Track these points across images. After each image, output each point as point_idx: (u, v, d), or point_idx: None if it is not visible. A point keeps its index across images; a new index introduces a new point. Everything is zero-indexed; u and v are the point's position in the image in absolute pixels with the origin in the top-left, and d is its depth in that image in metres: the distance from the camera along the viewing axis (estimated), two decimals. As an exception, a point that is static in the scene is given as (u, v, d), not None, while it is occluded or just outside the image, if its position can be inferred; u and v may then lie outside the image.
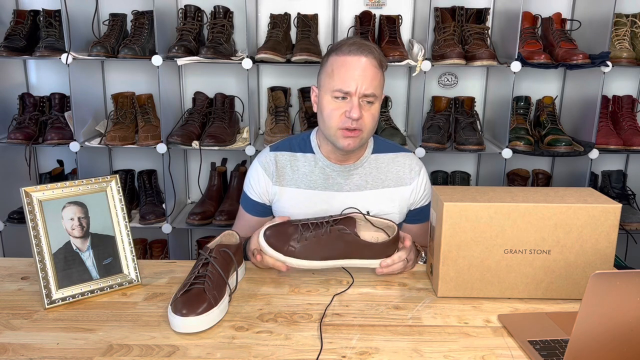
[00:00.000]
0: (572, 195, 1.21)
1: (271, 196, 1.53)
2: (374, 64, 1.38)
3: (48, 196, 1.17)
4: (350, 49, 1.38)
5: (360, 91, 1.36)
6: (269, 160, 1.53)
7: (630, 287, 0.81)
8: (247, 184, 1.57)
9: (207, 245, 1.19)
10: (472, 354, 0.99)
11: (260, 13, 2.45)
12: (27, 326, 1.07)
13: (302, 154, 1.53)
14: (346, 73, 1.36)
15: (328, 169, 1.51)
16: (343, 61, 1.37)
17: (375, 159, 1.53)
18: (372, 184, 1.51)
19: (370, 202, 1.50)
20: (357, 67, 1.36)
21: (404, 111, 2.55)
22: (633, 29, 2.30)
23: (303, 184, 1.50)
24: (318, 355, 0.98)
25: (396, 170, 1.53)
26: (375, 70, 1.39)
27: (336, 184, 1.51)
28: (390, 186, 1.52)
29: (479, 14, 2.37)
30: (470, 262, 1.17)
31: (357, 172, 1.51)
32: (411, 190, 1.53)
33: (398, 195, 1.52)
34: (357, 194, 1.50)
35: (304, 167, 1.52)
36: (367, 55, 1.37)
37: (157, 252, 2.54)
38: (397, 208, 1.53)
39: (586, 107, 2.30)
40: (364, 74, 1.36)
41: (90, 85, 2.42)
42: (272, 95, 2.40)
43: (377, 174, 1.52)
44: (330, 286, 1.25)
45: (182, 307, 1.04)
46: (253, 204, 1.56)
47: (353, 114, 1.35)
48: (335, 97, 1.38)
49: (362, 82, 1.36)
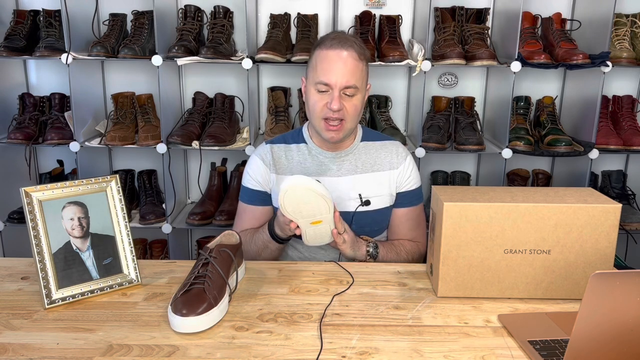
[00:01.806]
0: (572, 195, 1.21)
1: (271, 184, 1.60)
2: (354, 56, 1.45)
3: (48, 196, 1.17)
4: (331, 43, 1.46)
5: (340, 83, 1.44)
6: (266, 151, 1.62)
7: (630, 287, 0.81)
8: (246, 177, 1.63)
9: (207, 245, 1.19)
10: (472, 354, 0.99)
11: (260, 13, 2.45)
12: (27, 326, 1.07)
13: (296, 144, 1.62)
14: (327, 66, 1.45)
15: (320, 156, 1.59)
16: (325, 55, 1.46)
17: (365, 146, 1.62)
18: (362, 168, 1.59)
19: (361, 185, 1.57)
20: (337, 60, 1.44)
21: (404, 111, 2.55)
22: (633, 29, 2.29)
23: (297, 171, 1.58)
24: (318, 355, 0.98)
25: (384, 155, 1.61)
26: (356, 63, 1.46)
27: (328, 169, 1.58)
28: (379, 170, 1.60)
29: (479, 14, 2.37)
30: (470, 262, 1.17)
31: (347, 158, 1.59)
32: (398, 173, 1.61)
33: (387, 179, 1.60)
34: (349, 178, 1.58)
35: (298, 156, 1.60)
36: (348, 49, 1.45)
37: (157, 252, 2.54)
38: (387, 190, 1.59)
39: (586, 107, 2.30)
40: (344, 67, 1.44)
41: (90, 85, 2.41)
42: (272, 95, 2.40)
43: (367, 159, 1.60)
44: (330, 286, 1.26)
45: (182, 307, 1.04)
46: (254, 194, 1.61)
47: (333, 106, 1.44)
48: (318, 90, 1.47)
49: (342, 75, 1.44)
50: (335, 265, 1.38)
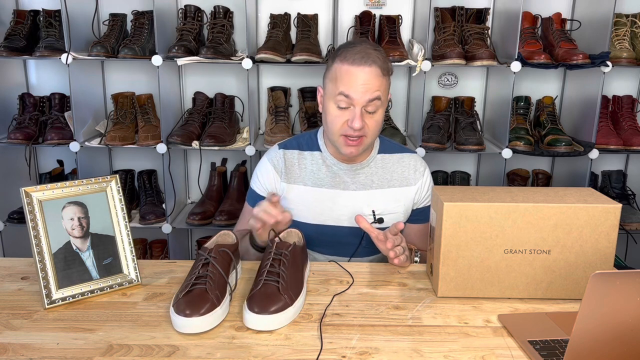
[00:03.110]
0: (572, 195, 1.21)
1: (279, 192, 1.54)
2: (378, 73, 1.37)
3: (48, 196, 1.17)
4: (354, 58, 1.36)
5: (362, 101, 1.37)
6: (278, 157, 1.55)
7: (630, 287, 0.81)
8: (255, 180, 1.58)
9: (204, 245, 1.19)
10: (472, 354, 0.99)
11: (260, 13, 2.45)
12: (27, 326, 1.07)
13: (310, 152, 1.55)
14: (349, 82, 1.36)
15: (335, 167, 1.52)
16: (347, 70, 1.37)
17: (382, 159, 1.55)
18: (378, 183, 1.53)
19: (376, 201, 1.51)
20: (360, 77, 1.36)
21: (404, 111, 2.55)
22: (633, 29, 2.30)
23: (310, 182, 1.52)
24: (318, 355, 0.98)
25: (401, 170, 1.55)
26: (380, 80, 1.38)
27: (342, 182, 1.52)
28: (396, 186, 1.53)
29: (479, 14, 2.37)
30: (470, 262, 1.17)
31: (363, 172, 1.53)
32: (416, 190, 1.55)
33: (403, 195, 1.54)
34: (363, 193, 1.52)
35: (312, 165, 1.53)
36: (371, 65, 1.36)
37: (157, 252, 2.54)
38: (402, 207, 1.54)
39: (586, 107, 2.30)
40: (367, 85, 1.36)
41: (90, 85, 2.42)
42: (272, 95, 2.40)
43: (383, 173, 1.54)
44: (330, 286, 1.25)
45: (186, 308, 1.04)
46: (260, 199, 1.55)
47: (355, 124, 1.36)
48: (338, 106, 1.39)
49: (364, 93, 1.36)
50: (335, 265, 1.37)
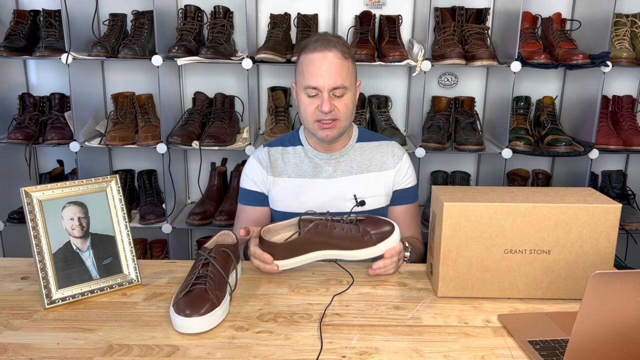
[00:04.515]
0: (572, 195, 1.21)
1: (268, 185, 1.62)
2: (339, 56, 1.46)
3: (48, 196, 1.17)
4: (315, 46, 1.46)
5: (328, 85, 1.45)
6: (263, 154, 1.64)
7: (630, 287, 0.81)
8: (244, 178, 1.65)
9: (204, 245, 1.19)
10: (472, 354, 0.99)
11: (260, 13, 2.45)
12: (27, 326, 1.07)
13: (292, 147, 1.63)
14: (313, 70, 1.45)
15: (316, 158, 1.60)
16: (310, 59, 1.47)
17: (360, 147, 1.62)
18: (357, 169, 1.60)
19: (357, 186, 1.58)
20: (323, 63, 1.45)
21: (404, 111, 2.55)
22: (633, 29, 2.29)
23: (294, 173, 1.60)
24: (318, 355, 0.98)
25: (380, 156, 1.62)
26: (341, 62, 1.46)
27: (324, 171, 1.59)
28: (375, 170, 1.60)
29: (479, 14, 2.37)
30: (470, 262, 1.17)
31: (343, 160, 1.60)
32: (395, 173, 1.62)
33: (383, 179, 1.60)
34: (345, 179, 1.59)
35: (294, 158, 1.62)
36: (331, 50, 1.45)
37: (157, 252, 2.54)
38: (383, 190, 1.60)
39: (586, 107, 2.30)
40: (329, 69, 1.44)
41: (90, 85, 2.41)
42: (272, 95, 2.40)
43: (362, 160, 1.61)
44: (330, 286, 1.26)
45: (186, 308, 1.04)
46: (251, 195, 1.63)
47: (324, 108, 1.45)
48: (307, 94, 1.48)
49: (329, 77, 1.44)
50: (335, 265, 1.38)
